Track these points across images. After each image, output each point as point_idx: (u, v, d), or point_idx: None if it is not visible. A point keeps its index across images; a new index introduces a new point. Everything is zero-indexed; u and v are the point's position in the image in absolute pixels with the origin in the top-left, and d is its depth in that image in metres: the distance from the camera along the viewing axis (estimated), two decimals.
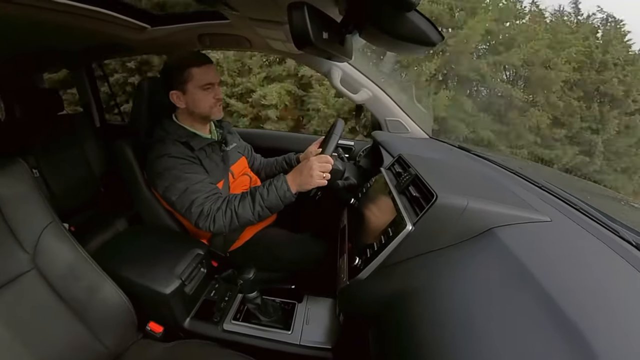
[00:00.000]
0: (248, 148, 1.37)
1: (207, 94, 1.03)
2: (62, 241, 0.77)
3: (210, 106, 1.04)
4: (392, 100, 1.46)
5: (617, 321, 0.40)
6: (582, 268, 0.51)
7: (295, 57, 1.47)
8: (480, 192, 0.69)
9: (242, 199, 0.97)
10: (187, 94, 1.02)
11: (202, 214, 0.95)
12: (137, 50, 1.62)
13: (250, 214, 0.96)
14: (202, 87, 1.01)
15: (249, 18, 1.02)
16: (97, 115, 2.13)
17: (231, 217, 0.95)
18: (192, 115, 1.07)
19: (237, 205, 0.96)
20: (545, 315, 0.40)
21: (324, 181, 0.95)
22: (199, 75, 1.00)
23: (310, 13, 0.60)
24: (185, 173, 0.97)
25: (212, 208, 0.95)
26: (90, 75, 2.07)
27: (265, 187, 0.96)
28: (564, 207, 0.73)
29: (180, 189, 0.97)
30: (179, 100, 1.03)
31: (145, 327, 0.92)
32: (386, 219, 0.69)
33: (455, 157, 1.24)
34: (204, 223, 0.96)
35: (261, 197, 0.95)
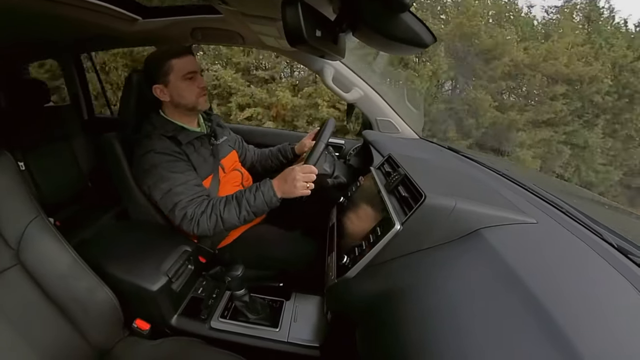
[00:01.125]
0: (238, 140, 1.35)
1: (190, 83, 1.02)
2: (47, 236, 0.75)
3: (195, 96, 1.03)
4: (384, 100, 1.47)
5: (601, 322, 0.41)
6: (567, 269, 0.52)
7: (287, 54, 1.47)
8: (468, 193, 0.70)
9: (227, 204, 0.96)
10: (170, 86, 1.01)
11: (185, 217, 0.95)
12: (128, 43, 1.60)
13: (235, 219, 0.96)
14: (184, 77, 1.00)
15: (242, 13, 1.01)
16: (85, 108, 2.08)
17: (216, 221, 0.96)
18: (178, 108, 1.05)
19: (222, 209, 0.95)
20: (530, 316, 0.41)
21: (307, 191, 0.97)
22: (180, 65, 0.99)
23: (304, 10, 0.60)
24: (169, 172, 0.96)
25: (195, 212, 0.95)
26: (78, 67, 2.03)
27: (252, 193, 0.97)
28: (550, 209, 0.75)
29: (164, 190, 0.96)
30: (163, 93, 1.01)
31: (132, 324, 0.91)
32: (375, 218, 0.70)
33: (444, 158, 1.26)
34: (187, 226, 0.96)
35: (247, 203, 0.96)
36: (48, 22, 1.19)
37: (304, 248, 1.13)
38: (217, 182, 1.11)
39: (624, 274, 0.50)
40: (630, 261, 0.55)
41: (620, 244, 0.60)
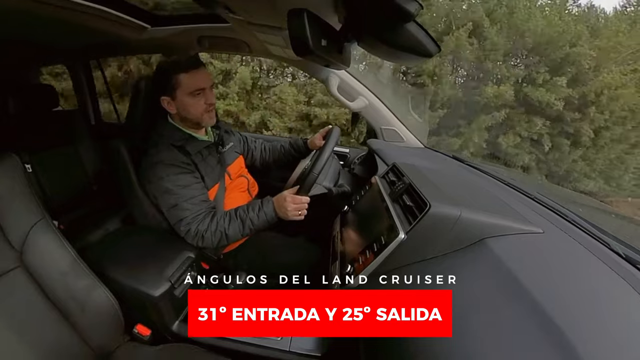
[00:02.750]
0: (243, 140, 1.36)
1: (198, 99, 1.00)
2: (50, 239, 0.75)
3: (201, 112, 1.02)
4: (388, 109, 1.47)
5: (609, 334, 0.41)
6: (574, 280, 0.51)
7: (293, 63, 1.48)
8: (473, 202, 0.70)
9: (231, 221, 1.00)
10: (177, 101, 1.00)
11: (189, 232, 0.98)
12: (136, 50, 1.63)
13: (239, 235, 1.01)
14: (191, 93, 0.99)
15: (249, 22, 1.03)
16: (92, 113, 2.11)
17: (220, 237, 0.99)
18: (185, 120, 1.06)
19: (227, 227, 1.00)
20: (536, 326, 0.41)
21: (300, 217, 1.02)
22: (188, 81, 0.97)
23: (310, 20, 0.61)
24: (176, 186, 0.97)
25: (199, 229, 0.98)
26: (87, 72, 2.06)
27: (255, 213, 1.01)
28: (556, 218, 0.74)
29: (170, 204, 0.98)
30: (170, 106, 1.02)
31: (133, 329, 0.91)
32: (379, 227, 0.70)
33: (449, 167, 1.25)
34: (191, 240, 1.00)
35: (251, 222, 1.01)
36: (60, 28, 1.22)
37: (307, 256, 1.12)
38: (224, 189, 1.11)
39: (632, 284, 0.49)
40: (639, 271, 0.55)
41: (628, 254, 0.59)
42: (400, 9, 0.55)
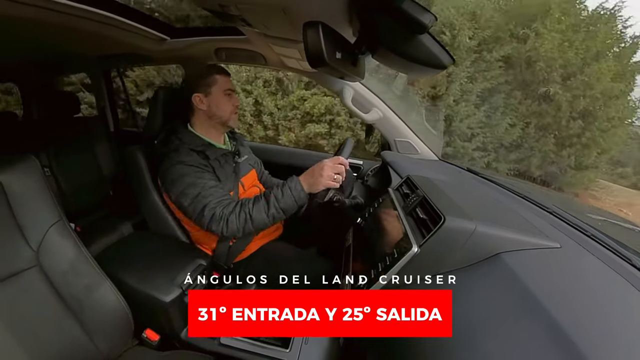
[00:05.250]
0: (258, 162, 1.38)
1: (229, 99, 1.10)
2: (66, 240, 0.77)
3: (230, 111, 1.10)
4: (402, 121, 1.47)
5: (627, 353, 0.39)
6: (593, 296, 0.50)
7: (308, 75, 1.50)
8: (488, 216, 0.68)
9: (255, 202, 0.97)
10: (210, 97, 1.07)
11: (214, 217, 0.95)
12: (155, 60, 1.68)
13: (265, 217, 0.96)
14: (224, 91, 1.08)
15: (265, 35, 1.05)
16: (111, 121, 2.18)
17: (245, 220, 0.95)
18: (211, 120, 1.10)
19: (251, 207, 0.96)
20: (553, 345, 0.39)
21: (334, 183, 0.96)
22: (223, 81, 1.08)
23: (325, 33, 0.62)
24: (198, 179, 0.99)
25: (224, 212, 0.96)
26: (107, 81, 2.14)
27: (280, 189, 0.97)
28: (574, 232, 0.72)
29: (192, 194, 0.98)
30: (201, 102, 1.07)
31: (142, 334, 0.91)
32: (392, 240, 0.69)
33: (463, 180, 1.24)
34: (216, 226, 0.96)
35: (276, 199, 0.96)
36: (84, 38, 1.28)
37: (319, 267, 1.11)
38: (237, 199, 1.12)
39: None
40: None
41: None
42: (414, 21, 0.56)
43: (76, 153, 1.70)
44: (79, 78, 5.27)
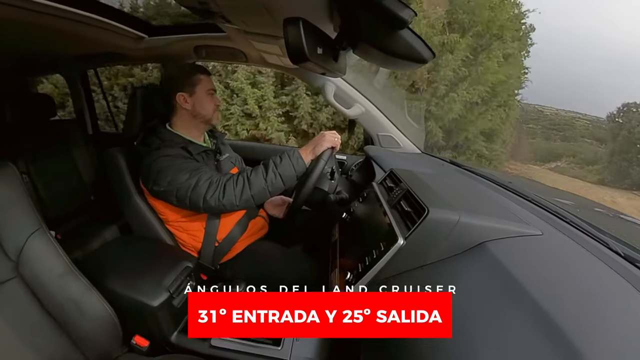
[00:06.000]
0: (239, 159, 1.37)
1: (211, 99, 1.10)
2: (47, 249, 0.74)
3: (213, 110, 1.11)
4: (385, 116, 1.48)
5: (609, 332, 0.41)
6: (575, 281, 0.51)
7: (290, 71, 1.49)
8: (471, 206, 0.70)
9: (254, 168, 0.98)
10: (195, 96, 1.07)
11: (211, 184, 0.95)
12: (133, 59, 1.64)
13: (263, 182, 0.95)
14: (207, 91, 1.09)
15: (245, 32, 1.04)
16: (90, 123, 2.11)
17: (243, 184, 0.95)
18: (194, 119, 1.09)
19: (249, 173, 0.97)
20: (537, 328, 0.40)
21: (336, 142, 1.02)
22: (206, 81, 1.09)
23: (306, 28, 0.62)
24: (185, 165, 0.99)
25: (221, 179, 0.96)
26: (84, 82, 2.07)
27: (278, 156, 0.99)
28: (555, 220, 0.74)
29: (183, 177, 0.96)
30: (185, 102, 1.06)
31: (131, 340, 0.89)
32: (378, 234, 0.70)
33: (446, 172, 1.26)
34: (212, 194, 0.94)
35: (274, 165, 0.97)
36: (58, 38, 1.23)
37: (306, 264, 1.11)
38: None
39: (632, 282, 0.50)
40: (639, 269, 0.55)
41: (627, 253, 0.59)
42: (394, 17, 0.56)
43: (54, 158, 1.64)
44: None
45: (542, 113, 17.13)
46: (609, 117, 14.75)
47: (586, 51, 16.17)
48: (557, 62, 12.69)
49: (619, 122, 13.88)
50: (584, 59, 14.84)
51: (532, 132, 15.04)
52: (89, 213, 1.74)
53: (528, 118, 14.69)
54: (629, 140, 12.92)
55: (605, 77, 15.16)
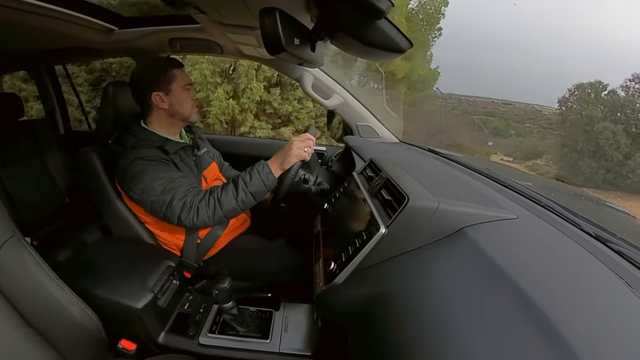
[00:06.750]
0: (217, 154, 1.34)
1: (188, 94, 1.05)
2: (23, 257, 0.71)
3: (191, 106, 1.06)
4: (363, 106, 1.49)
5: (586, 309, 0.42)
6: (549, 261, 0.53)
7: (267, 62, 1.47)
8: (450, 193, 0.71)
9: (224, 188, 0.95)
10: (171, 94, 1.01)
11: (184, 206, 0.92)
12: (104, 53, 1.56)
13: (234, 201, 0.94)
14: (184, 87, 1.03)
15: (221, 23, 1.01)
16: (61, 122, 2.01)
17: (215, 206, 0.93)
18: (172, 118, 1.05)
19: (219, 193, 0.94)
20: (517, 308, 0.41)
21: (304, 154, 0.96)
22: (181, 75, 1.03)
23: (282, 19, 0.60)
24: (160, 172, 0.95)
25: (194, 200, 0.93)
26: (53, 79, 1.96)
27: (247, 172, 0.96)
28: (529, 204, 0.77)
29: (158, 188, 0.93)
30: (162, 101, 1.01)
31: (117, 345, 0.88)
32: (360, 223, 0.70)
33: (425, 160, 1.28)
34: (186, 216, 0.92)
35: (244, 183, 0.94)
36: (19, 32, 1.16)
37: (290, 257, 1.12)
38: None
39: (603, 261, 0.52)
40: (609, 249, 0.58)
41: (598, 233, 0.63)
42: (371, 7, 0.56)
43: (25, 160, 1.56)
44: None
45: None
46: (560, 101, 12.68)
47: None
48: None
49: (570, 105, 11.86)
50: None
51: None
52: (64, 216, 1.67)
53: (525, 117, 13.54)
54: (578, 126, 11.09)
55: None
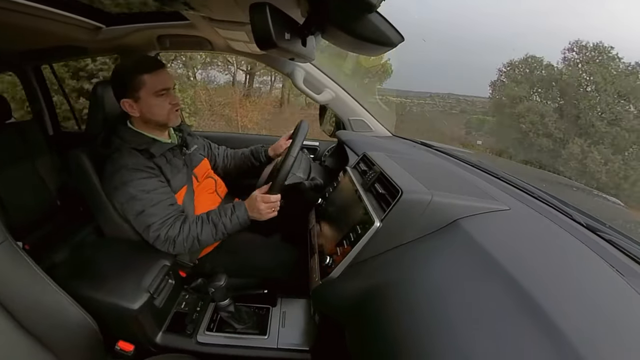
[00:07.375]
0: (207, 146, 1.32)
1: (163, 100, 0.97)
2: (16, 262, 0.69)
3: (167, 112, 0.99)
4: (355, 100, 1.49)
5: (578, 297, 0.43)
6: (542, 250, 0.54)
7: (257, 57, 1.46)
8: (443, 186, 0.72)
9: (203, 226, 0.97)
10: (140, 102, 0.96)
11: (159, 238, 0.94)
12: (92, 52, 1.53)
13: (211, 239, 0.98)
14: (156, 93, 0.96)
15: (210, 19, 1.00)
16: (50, 123, 1.97)
17: (192, 243, 0.96)
18: (148, 123, 1.02)
19: (199, 232, 0.97)
20: (512, 299, 0.42)
21: (274, 213, 1.01)
22: (152, 82, 0.94)
23: (273, 14, 0.60)
24: (141, 191, 0.93)
25: (169, 235, 0.94)
26: (40, 79, 1.92)
27: (228, 217, 0.99)
28: (522, 195, 0.78)
29: (136, 210, 0.94)
30: (132, 109, 0.97)
31: (115, 346, 0.87)
32: (354, 217, 0.70)
33: (417, 153, 1.28)
34: (162, 246, 0.96)
35: (224, 227, 0.98)
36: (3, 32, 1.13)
37: (285, 252, 1.12)
38: (192, 192, 1.08)
39: (594, 249, 0.53)
40: (600, 237, 0.59)
41: (589, 223, 0.64)
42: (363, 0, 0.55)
43: (14, 163, 1.53)
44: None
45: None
46: (492, 85, 11.63)
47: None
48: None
49: (503, 81, 11.12)
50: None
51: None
52: (56, 219, 1.64)
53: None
54: (502, 112, 10.51)
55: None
